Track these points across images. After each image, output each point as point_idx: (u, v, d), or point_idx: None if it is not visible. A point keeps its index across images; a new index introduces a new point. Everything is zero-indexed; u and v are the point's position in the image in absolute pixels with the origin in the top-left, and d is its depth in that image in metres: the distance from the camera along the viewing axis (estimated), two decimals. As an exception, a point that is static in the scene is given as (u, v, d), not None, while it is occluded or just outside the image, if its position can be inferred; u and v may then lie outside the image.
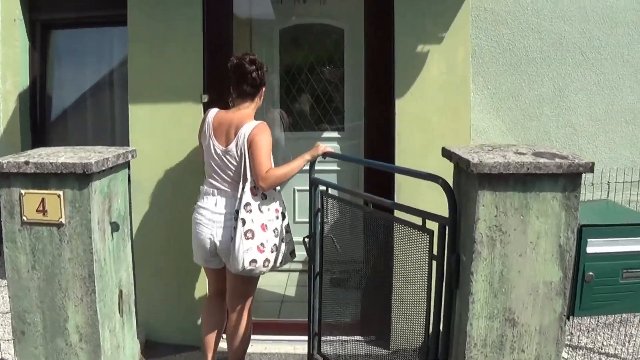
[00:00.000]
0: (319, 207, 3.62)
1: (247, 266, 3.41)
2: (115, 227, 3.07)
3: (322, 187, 3.62)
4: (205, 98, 4.18)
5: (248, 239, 3.38)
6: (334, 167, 5.43)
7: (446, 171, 3.79)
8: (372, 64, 4.29)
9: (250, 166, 3.41)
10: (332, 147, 5.39)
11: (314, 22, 5.56)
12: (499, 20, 5.12)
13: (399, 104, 4.13)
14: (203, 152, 3.64)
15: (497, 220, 2.67)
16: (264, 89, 3.64)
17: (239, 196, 3.42)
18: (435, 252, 2.89)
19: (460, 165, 2.75)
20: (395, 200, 4.11)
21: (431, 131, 4.13)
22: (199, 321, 4.29)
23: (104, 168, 2.90)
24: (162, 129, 4.26)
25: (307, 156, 3.57)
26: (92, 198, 2.86)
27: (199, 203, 3.62)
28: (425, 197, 3.97)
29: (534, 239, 2.71)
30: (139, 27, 4.23)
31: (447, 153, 2.99)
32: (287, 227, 3.66)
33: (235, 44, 4.45)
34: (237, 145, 3.43)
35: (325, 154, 3.61)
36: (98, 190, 2.93)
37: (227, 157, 3.47)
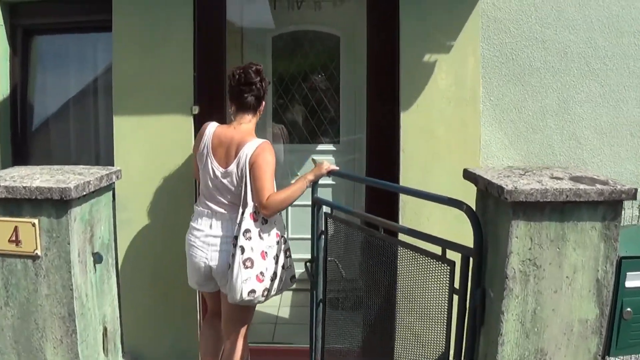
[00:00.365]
0: (322, 229, 3.23)
1: (246, 297, 3.04)
2: (98, 258, 2.64)
3: (326, 208, 3.22)
4: (196, 110, 3.77)
5: (247, 268, 3.01)
6: (329, 181, 5.04)
7: (454, 187, 3.43)
8: (375, 74, 3.91)
9: (251, 190, 3.02)
10: (328, 160, 5.03)
11: (308, 29, 5.17)
12: (502, 29, 4.76)
13: (404, 117, 3.75)
14: (197, 169, 3.24)
15: (531, 253, 2.30)
16: (264, 102, 3.26)
17: (238, 221, 3.04)
18: (456, 285, 2.51)
19: (490, 191, 2.37)
20: (400, 220, 3.75)
21: (438, 146, 3.76)
22: (191, 349, 3.88)
23: (84, 193, 2.47)
24: (149, 143, 3.84)
25: (310, 176, 3.18)
26: (71, 227, 2.43)
27: (192, 224, 3.24)
28: (431, 217, 3.63)
29: (570, 274, 2.35)
30: (124, 33, 3.83)
31: (470, 176, 2.61)
32: (288, 251, 3.30)
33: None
34: (238, 166, 3.05)
35: (330, 173, 3.22)
36: (78, 217, 2.50)
37: (227, 179, 3.08)
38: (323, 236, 3.22)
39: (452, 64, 3.73)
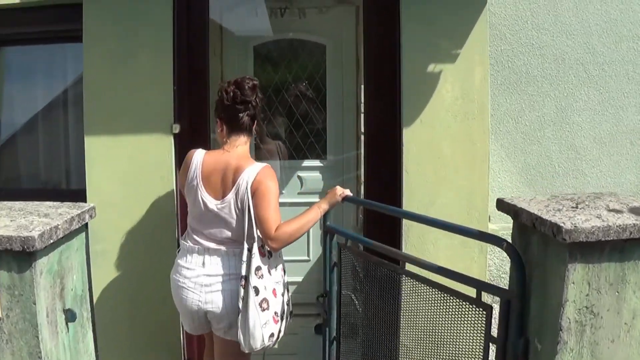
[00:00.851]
0: (335, 260, 2.81)
1: (267, 342, 2.60)
2: (70, 316, 2.14)
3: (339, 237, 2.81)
4: (177, 128, 3.30)
5: (264, 310, 2.56)
6: (315, 199, 4.61)
7: (460, 210, 3.12)
8: (373, 86, 3.48)
9: (255, 222, 2.57)
10: (315, 177, 4.61)
11: (293, 38, 4.72)
12: (497, 35, 4.39)
13: (407, 134, 3.33)
14: (186, 200, 2.77)
15: (588, 300, 1.91)
16: (257, 121, 2.79)
17: (244, 259, 2.57)
18: (493, 332, 2.11)
19: (539, 228, 1.96)
20: (404, 246, 3.34)
21: (444, 165, 3.36)
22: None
23: (51, 241, 1.97)
24: (125, 164, 3.35)
25: (324, 205, 2.72)
26: (36, 282, 1.93)
27: (179, 261, 2.72)
28: (437, 243, 3.25)
29: (629, 320, 1.96)
30: (96, 43, 3.34)
31: (508, 208, 2.19)
32: (287, 284, 2.84)
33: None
34: (237, 195, 2.57)
35: (344, 199, 2.77)
36: (45, 270, 2.00)
37: (224, 211, 2.60)
38: (336, 268, 2.81)
39: (458, 74, 3.33)
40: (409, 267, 2.45)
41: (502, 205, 2.22)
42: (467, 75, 3.33)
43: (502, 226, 4.45)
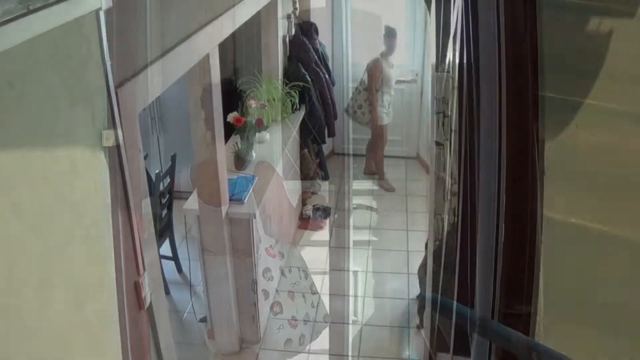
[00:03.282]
0: None
1: (284, 347, 2.05)
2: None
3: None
4: (111, 139, 1.56)
5: (277, 314, 2.10)
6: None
7: None
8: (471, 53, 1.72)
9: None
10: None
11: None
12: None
13: (552, 147, 1.57)
14: None
15: None
16: None
17: (253, 261, 2.02)
18: None
19: None
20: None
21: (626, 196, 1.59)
22: None
23: None
24: (28, 202, 1.61)
25: None
26: None
27: None
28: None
29: None
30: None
31: None
32: (313, 286, 2.27)
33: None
34: None
35: None
36: None
37: None
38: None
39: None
40: None
41: None
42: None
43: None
